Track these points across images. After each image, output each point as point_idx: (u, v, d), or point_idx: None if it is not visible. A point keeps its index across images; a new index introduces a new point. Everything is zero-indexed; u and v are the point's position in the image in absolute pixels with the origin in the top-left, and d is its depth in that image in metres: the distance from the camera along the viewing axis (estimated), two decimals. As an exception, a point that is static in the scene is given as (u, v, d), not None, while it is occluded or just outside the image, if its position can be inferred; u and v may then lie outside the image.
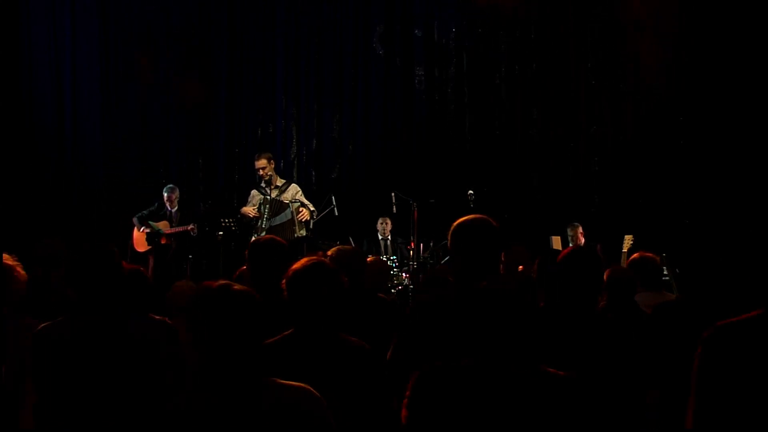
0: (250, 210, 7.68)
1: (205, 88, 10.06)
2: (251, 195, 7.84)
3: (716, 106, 9.11)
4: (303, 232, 7.54)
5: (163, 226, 8.57)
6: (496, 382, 1.99)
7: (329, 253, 3.74)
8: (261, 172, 7.61)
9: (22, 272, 3.04)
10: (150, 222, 8.52)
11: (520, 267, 4.58)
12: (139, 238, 8.49)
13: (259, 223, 7.54)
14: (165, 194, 8.63)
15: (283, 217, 7.57)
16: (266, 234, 6.95)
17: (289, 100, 10.21)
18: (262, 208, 7.60)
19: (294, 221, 7.52)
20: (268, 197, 7.57)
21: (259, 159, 7.67)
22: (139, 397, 2.59)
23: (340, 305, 2.46)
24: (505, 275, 3.95)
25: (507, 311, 2.02)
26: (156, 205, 8.65)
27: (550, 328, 2.74)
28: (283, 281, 2.47)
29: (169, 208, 8.62)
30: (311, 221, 7.61)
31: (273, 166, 7.78)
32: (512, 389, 1.99)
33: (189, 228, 8.42)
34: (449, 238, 2.82)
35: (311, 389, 1.93)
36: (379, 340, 3.45)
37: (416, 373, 2.05)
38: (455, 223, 2.82)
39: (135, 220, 8.57)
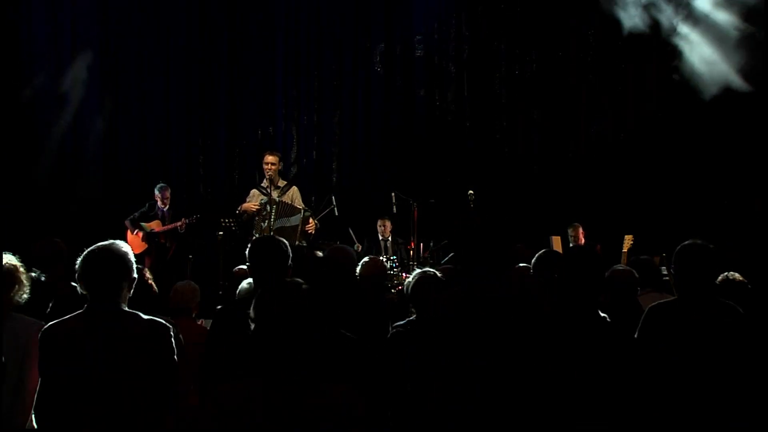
0: (251, 205, 7.35)
1: (206, 88, 10.08)
2: (251, 194, 7.61)
3: (716, 106, 9.10)
4: (303, 242, 7.24)
5: (155, 225, 8.59)
6: None
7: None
8: (270, 166, 7.34)
9: (25, 272, 3.04)
10: (141, 223, 8.54)
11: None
12: (133, 240, 8.46)
13: (265, 224, 7.21)
14: (157, 193, 8.65)
15: (291, 221, 7.26)
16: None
17: (289, 102, 10.20)
18: (268, 207, 7.27)
19: (299, 229, 7.24)
20: (274, 198, 7.30)
21: (272, 154, 7.49)
22: (141, 395, 2.59)
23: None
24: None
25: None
26: (147, 206, 8.66)
27: (553, 328, 2.75)
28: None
29: (161, 207, 8.64)
30: (311, 235, 7.41)
31: (280, 167, 7.61)
32: None
33: (178, 224, 8.42)
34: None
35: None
36: (373, 337, 3.48)
37: None
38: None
39: (127, 222, 8.58)
